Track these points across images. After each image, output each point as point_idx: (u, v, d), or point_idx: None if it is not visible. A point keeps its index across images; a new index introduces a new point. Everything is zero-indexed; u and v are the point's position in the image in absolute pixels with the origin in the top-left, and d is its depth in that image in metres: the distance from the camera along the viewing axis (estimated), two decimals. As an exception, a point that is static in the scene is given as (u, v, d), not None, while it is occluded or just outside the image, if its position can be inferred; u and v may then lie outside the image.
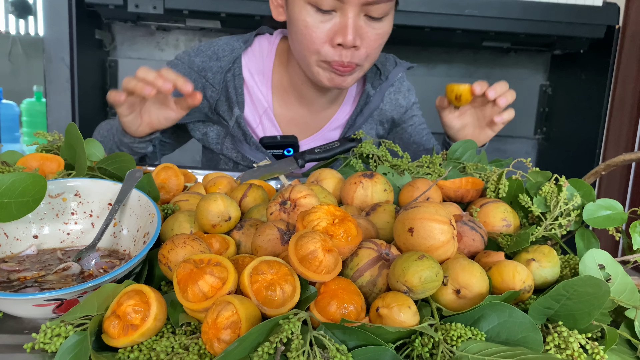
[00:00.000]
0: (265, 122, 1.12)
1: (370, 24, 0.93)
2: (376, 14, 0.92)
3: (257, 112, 1.11)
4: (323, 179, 0.73)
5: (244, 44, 1.10)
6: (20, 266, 0.56)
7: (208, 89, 1.08)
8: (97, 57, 1.85)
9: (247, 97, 1.10)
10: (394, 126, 1.22)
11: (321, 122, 1.16)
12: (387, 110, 1.18)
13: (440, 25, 1.61)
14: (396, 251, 0.53)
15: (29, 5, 4.28)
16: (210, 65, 1.08)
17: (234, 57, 1.08)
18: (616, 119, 1.82)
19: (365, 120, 1.15)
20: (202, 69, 1.08)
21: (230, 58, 1.08)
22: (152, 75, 0.85)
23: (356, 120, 1.14)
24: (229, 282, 0.44)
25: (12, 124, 3.95)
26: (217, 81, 1.07)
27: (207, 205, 0.58)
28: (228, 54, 1.08)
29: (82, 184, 0.63)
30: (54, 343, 0.44)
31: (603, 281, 0.45)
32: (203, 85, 1.08)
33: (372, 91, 1.14)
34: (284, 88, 1.12)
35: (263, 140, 1.09)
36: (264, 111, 1.11)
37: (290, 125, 1.14)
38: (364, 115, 1.14)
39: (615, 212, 0.64)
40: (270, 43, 1.12)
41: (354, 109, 1.15)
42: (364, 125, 1.16)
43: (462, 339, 0.43)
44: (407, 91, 1.20)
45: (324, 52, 0.94)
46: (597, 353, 0.45)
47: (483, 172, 0.78)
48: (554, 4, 1.63)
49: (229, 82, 1.08)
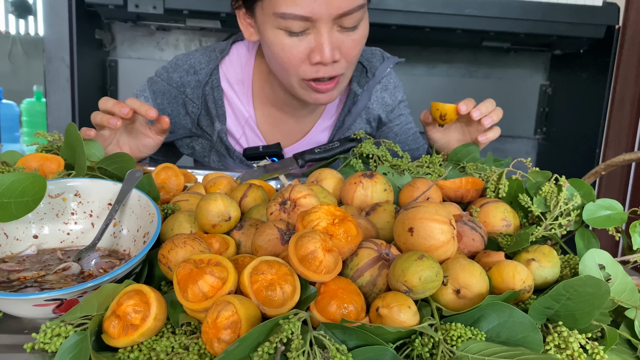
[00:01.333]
0: (248, 133, 1.10)
1: (346, 34, 0.89)
2: (349, 24, 0.88)
3: (239, 123, 1.09)
4: (323, 179, 0.73)
5: (220, 53, 1.07)
6: (20, 266, 0.56)
7: (188, 104, 1.06)
8: (97, 57, 1.85)
9: (227, 108, 1.08)
10: (381, 125, 1.19)
11: (307, 126, 1.13)
12: (374, 109, 1.15)
13: (440, 25, 1.60)
14: (396, 251, 0.53)
15: (29, 5, 4.28)
16: (189, 80, 1.05)
17: (210, 68, 1.05)
18: (616, 119, 1.82)
19: (354, 120, 1.12)
20: (180, 84, 1.05)
21: (207, 70, 1.05)
22: (110, 103, 0.85)
23: (345, 121, 1.12)
24: (229, 282, 0.44)
25: (12, 124, 3.95)
26: (197, 96, 1.05)
27: (207, 205, 0.58)
28: (205, 66, 1.06)
29: (82, 184, 0.63)
30: (54, 343, 0.44)
31: (603, 281, 0.45)
32: (184, 101, 1.06)
33: (359, 90, 1.10)
34: (266, 96, 1.09)
35: (246, 152, 1.07)
36: (245, 121, 1.09)
37: (275, 133, 1.12)
38: (352, 115, 1.11)
39: (615, 212, 0.64)
40: (249, 50, 1.09)
41: (342, 109, 1.12)
42: (353, 126, 1.14)
43: (462, 339, 0.43)
44: (393, 88, 1.16)
45: (302, 72, 0.91)
46: (597, 353, 0.45)
47: (483, 172, 0.78)
48: (554, 4, 1.63)
49: (208, 96, 1.05)
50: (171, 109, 1.06)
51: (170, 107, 1.06)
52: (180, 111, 1.06)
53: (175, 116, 1.07)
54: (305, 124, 1.13)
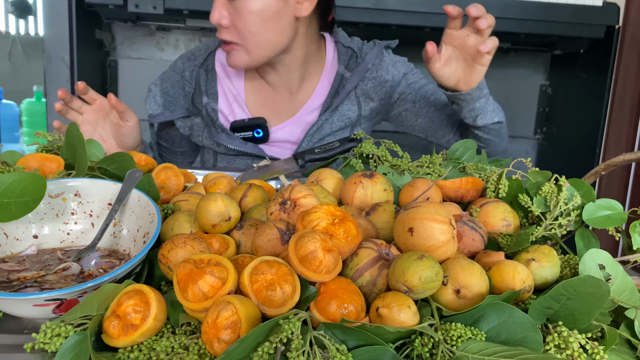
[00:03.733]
0: (237, 110, 1.19)
1: (232, 3, 1.01)
2: None
3: (228, 101, 1.19)
4: (323, 179, 0.73)
5: (218, 42, 1.19)
6: (20, 266, 0.56)
7: (186, 85, 1.18)
8: (97, 57, 1.85)
9: (219, 89, 1.19)
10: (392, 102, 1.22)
11: (296, 106, 1.20)
12: (369, 89, 1.19)
13: (440, 25, 1.60)
14: (396, 251, 0.53)
15: (29, 5, 4.28)
16: (188, 64, 1.19)
17: (207, 53, 1.19)
18: (616, 119, 1.82)
19: (342, 101, 1.18)
20: (182, 69, 1.20)
21: (204, 55, 1.19)
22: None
23: (332, 102, 1.17)
24: (229, 282, 0.44)
25: (12, 124, 3.95)
26: (193, 77, 1.18)
27: (207, 205, 0.58)
28: (203, 52, 1.20)
29: (82, 184, 0.63)
30: (54, 343, 0.44)
31: (603, 281, 0.45)
32: (183, 84, 1.19)
33: (347, 73, 1.17)
34: (255, 77, 1.20)
35: (233, 125, 1.17)
36: (234, 99, 1.18)
37: (263, 112, 1.20)
38: (340, 96, 1.17)
39: (615, 212, 0.64)
40: None
41: (329, 91, 1.18)
42: (342, 105, 1.18)
43: (462, 339, 0.43)
44: (390, 65, 1.20)
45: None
46: (597, 353, 0.45)
47: (483, 172, 0.78)
48: (554, 4, 1.63)
49: (201, 76, 1.18)
50: (173, 92, 1.19)
51: (172, 90, 1.19)
52: (180, 93, 1.19)
53: (176, 98, 1.19)
54: (294, 104, 1.20)
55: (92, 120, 1.03)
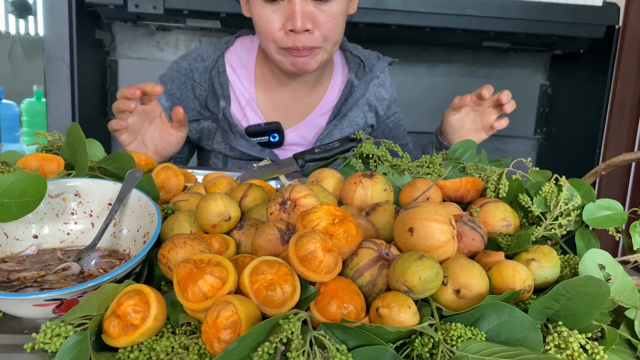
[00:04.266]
0: (249, 113, 1.17)
1: (319, 6, 0.98)
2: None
3: (241, 106, 1.16)
4: (323, 179, 0.73)
5: (225, 44, 1.17)
6: (20, 266, 0.56)
7: (197, 88, 1.15)
8: (97, 57, 1.84)
9: (231, 92, 1.16)
10: (378, 118, 1.28)
11: (306, 109, 1.20)
12: (371, 101, 1.23)
13: (440, 25, 1.60)
14: (396, 251, 0.53)
15: (29, 5, 4.28)
16: (196, 66, 1.15)
17: (216, 55, 1.15)
18: (616, 119, 1.82)
19: (350, 108, 1.19)
20: (189, 71, 1.15)
21: (213, 57, 1.15)
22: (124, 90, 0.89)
23: (342, 109, 1.19)
24: (229, 282, 0.44)
25: (12, 124, 3.96)
26: (204, 79, 1.15)
27: (207, 205, 0.58)
28: (211, 54, 1.16)
29: (82, 184, 0.63)
30: (54, 343, 0.44)
31: (603, 281, 0.45)
32: (192, 86, 1.15)
33: (356, 81, 1.19)
34: (266, 79, 1.17)
35: (248, 129, 1.14)
36: (247, 102, 1.16)
37: (275, 115, 1.19)
38: (348, 104, 1.19)
39: (615, 212, 0.64)
40: (252, 41, 1.19)
41: (339, 97, 1.19)
42: (350, 113, 1.20)
43: (462, 339, 0.43)
44: (389, 86, 1.26)
45: (279, 40, 1.00)
46: (597, 353, 0.45)
47: (483, 172, 0.78)
48: (554, 4, 1.63)
49: (214, 79, 1.14)
50: (180, 94, 1.15)
51: (179, 92, 1.15)
52: (188, 95, 1.15)
53: (184, 100, 1.15)
54: (305, 107, 1.20)
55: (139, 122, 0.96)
